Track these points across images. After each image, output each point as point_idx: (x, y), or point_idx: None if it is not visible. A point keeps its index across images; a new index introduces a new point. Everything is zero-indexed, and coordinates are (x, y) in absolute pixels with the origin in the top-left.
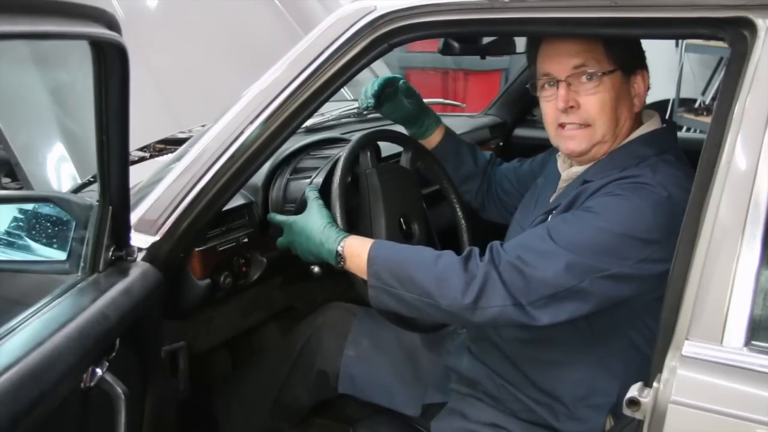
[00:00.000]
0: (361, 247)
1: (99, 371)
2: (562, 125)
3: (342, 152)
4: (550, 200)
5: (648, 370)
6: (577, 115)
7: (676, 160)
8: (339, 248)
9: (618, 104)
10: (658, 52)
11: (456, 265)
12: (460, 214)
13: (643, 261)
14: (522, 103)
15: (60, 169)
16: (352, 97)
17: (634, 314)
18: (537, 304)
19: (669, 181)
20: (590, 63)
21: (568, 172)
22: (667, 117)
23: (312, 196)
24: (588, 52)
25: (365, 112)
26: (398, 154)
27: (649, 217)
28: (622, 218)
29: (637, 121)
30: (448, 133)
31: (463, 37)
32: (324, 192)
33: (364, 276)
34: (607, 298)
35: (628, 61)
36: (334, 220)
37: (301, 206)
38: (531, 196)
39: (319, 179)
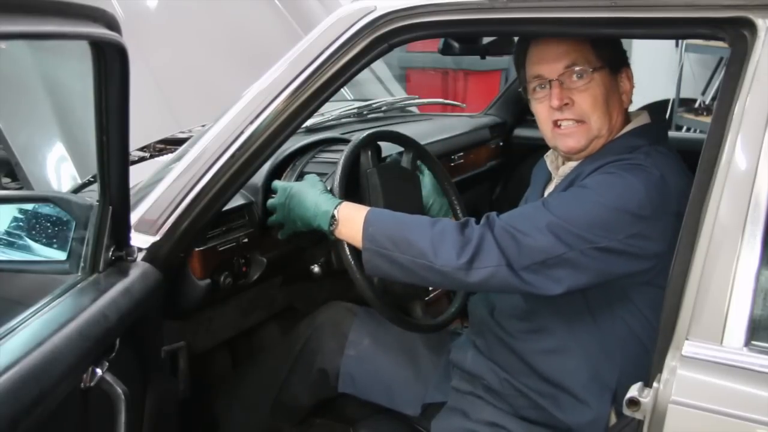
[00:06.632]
0: (356, 212)
1: (99, 371)
2: (557, 124)
3: (342, 152)
4: (545, 194)
5: (647, 362)
6: (572, 111)
7: (668, 151)
8: (335, 211)
9: (608, 99)
10: (658, 52)
11: (452, 229)
12: (460, 214)
13: (632, 236)
14: (522, 103)
15: (60, 169)
16: (352, 97)
17: (628, 299)
18: (529, 269)
19: (662, 164)
20: (579, 61)
21: (563, 168)
22: (667, 117)
23: (313, 174)
24: (577, 51)
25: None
26: (399, 154)
27: (641, 194)
28: (615, 193)
29: (627, 118)
30: None
31: (463, 37)
32: None
33: (354, 242)
34: (598, 271)
35: (614, 60)
36: None
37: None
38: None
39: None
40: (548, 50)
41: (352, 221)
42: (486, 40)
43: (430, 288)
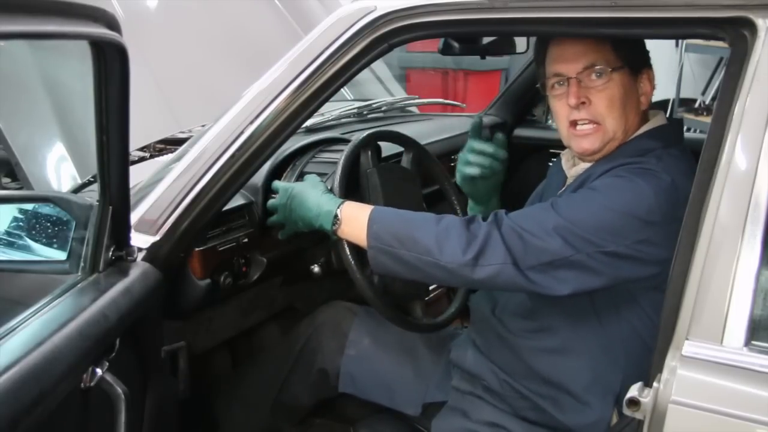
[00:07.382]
0: (359, 210)
1: (99, 371)
2: (573, 124)
3: (342, 152)
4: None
5: (650, 363)
6: (588, 111)
7: (681, 154)
8: (337, 211)
9: (626, 101)
10: (658, 52)
11: (458, 225)
12: (460, 214)
13: (640, 242)
14: (522, 103)
15: (60, 169)
16: (352, 97)
17: (635, 302)
18: (535, 269)
19: (673, 169)
20: (599, 61)
21: (576, 169)
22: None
23: (314, 175)
24: (597, 51)
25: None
26: (399, 154)
27: (651, 199)
28: (625, 198)
29: (644, 119)
30: None
31: (463, 37)
32: None
33: (358, 241)
34: (605, 275)
35: (634, 60)
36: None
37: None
38: (533, 201)
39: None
40: (568, 49)
41: (356, 220)
42: (486, 40)
43: (430, 288)
